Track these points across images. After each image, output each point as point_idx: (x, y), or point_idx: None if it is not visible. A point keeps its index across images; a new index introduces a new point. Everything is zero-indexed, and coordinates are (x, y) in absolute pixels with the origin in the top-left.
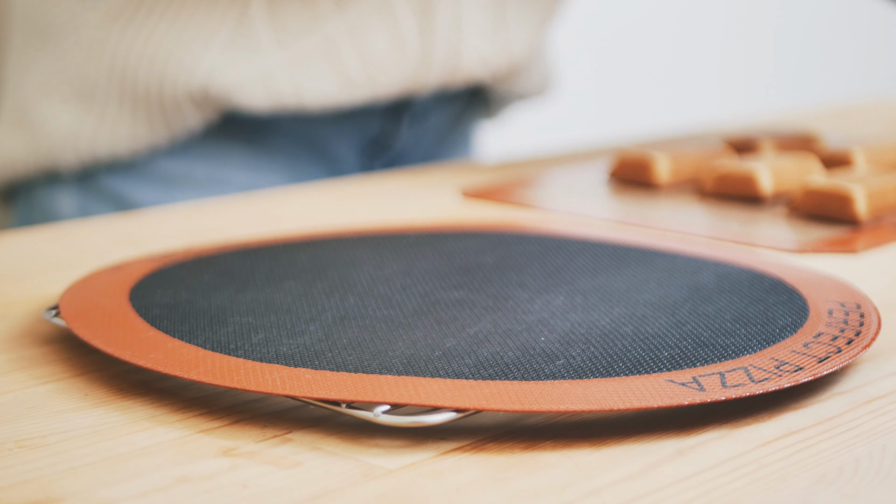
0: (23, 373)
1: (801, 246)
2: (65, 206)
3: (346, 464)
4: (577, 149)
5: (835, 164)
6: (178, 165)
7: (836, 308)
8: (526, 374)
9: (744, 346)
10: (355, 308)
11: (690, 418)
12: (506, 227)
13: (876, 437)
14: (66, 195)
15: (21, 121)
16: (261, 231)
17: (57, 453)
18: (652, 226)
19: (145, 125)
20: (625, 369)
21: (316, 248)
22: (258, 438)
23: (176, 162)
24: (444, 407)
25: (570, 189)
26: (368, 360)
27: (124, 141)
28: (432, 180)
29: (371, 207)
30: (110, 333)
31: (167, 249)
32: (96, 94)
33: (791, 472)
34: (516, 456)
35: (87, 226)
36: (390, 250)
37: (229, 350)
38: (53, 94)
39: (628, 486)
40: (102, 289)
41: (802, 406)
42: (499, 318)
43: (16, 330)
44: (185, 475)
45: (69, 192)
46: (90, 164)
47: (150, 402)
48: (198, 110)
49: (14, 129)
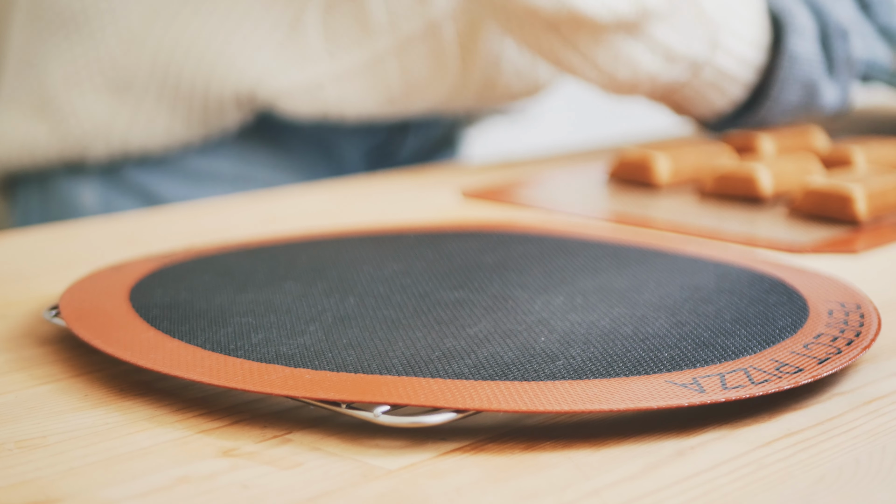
0: (23, 373)
1: (801, 246)
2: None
3: (346, 464)
4: (577, 149)
5: (835, 164)
6: (208, 162)
7: (836, 308)
8: (526, 375)
9: (744, 346)
10: (355, 308)
11: (690, 419)
12: (506, 227)
13: (876, 437)
14: (90, 187)
15: (45, 108)
16: (261, 231)
17: (57, 453)
18: (652, 226)
19: (183, 122)
20: (624, 370)
21: (316, 248)
22: (258, 439)
23: (206, 159)
24: (443, 407)
25: (569, 189)
26: (368, 361)
27: (159, 136)
28: (432, 180)
29: (371, 207)
30: (110, 333)
31: (167, 249)
32: (133, 86)
33: (791, 472)
34: (516, 456)
35: (88, 226)
36: (390, 250)
37: (229, 350)
38: (85, 84)
39: (628, 486)
40: (102, 289)
41: (802, 407)
42: (499, 319)
43: (16, 330)
44: (185, 475)
45: (93, 183)
46: (119, 156)
47: (150, 402)
48: (239, 111)
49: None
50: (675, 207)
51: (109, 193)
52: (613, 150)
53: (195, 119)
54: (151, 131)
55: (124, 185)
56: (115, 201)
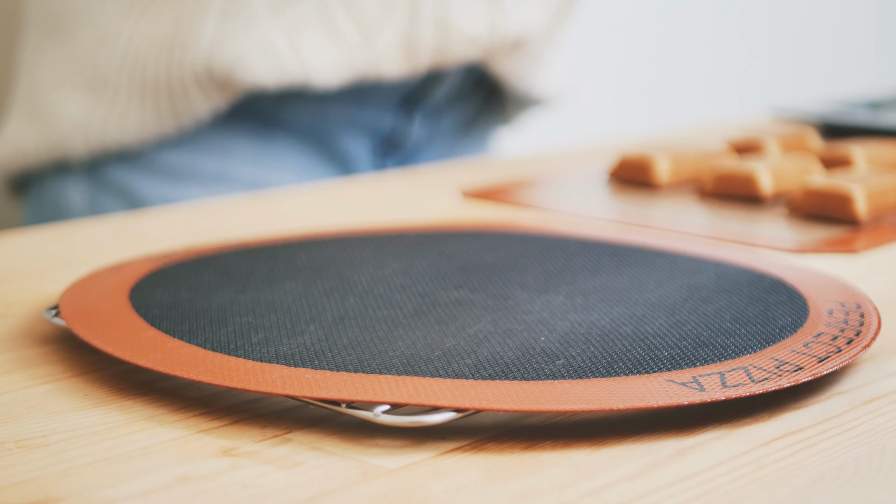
0: (23, 373)
1: (801, 246)
2: (75, 200)
3: (346, 464)
4: (577, 149)
5: (835, 164)
6: (186, 158)
7: (836, 308)
8: (526, 374)
9: (744, 345)
10: (355, 308)
11: (690, 418)
12: (506, 227)
13: (876, 437)
14: (76, 188)
15: (33, 111)
16: (261, 231)
17: (57, 453)
18: (652, 226)
19: (153, 113)
20: (625, 369)
21: (316, 248)
22: (258, 438)
23: (183, 155)
24: (444, 407)
25: (570, 189)
26: (368, 360)
27: (133, 130)
28: (432, 180)
29: (371, 207)
30: (110, 333)
31: (167, 249)
32: (108, 83)
33: (791, 472)
34: (516, 456)
35: (87, 226)
36: (390, 250)
37: (229, 350)
38: (66, 84)
39: (628, 486)
40: (102, 289)
41: (802, 406)
42: (499, 318)
43: (16, 330)
44: (185, 475)
45: (79, 184)
46: (99, 153)
47: (150, 402)
48: (203, 94)
49: (27, 119)
50: (675, 207)
51: (95, 194)
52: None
53: (164, 108)
54: (126, 126)
55: (107, 185)
56: (100, 202)
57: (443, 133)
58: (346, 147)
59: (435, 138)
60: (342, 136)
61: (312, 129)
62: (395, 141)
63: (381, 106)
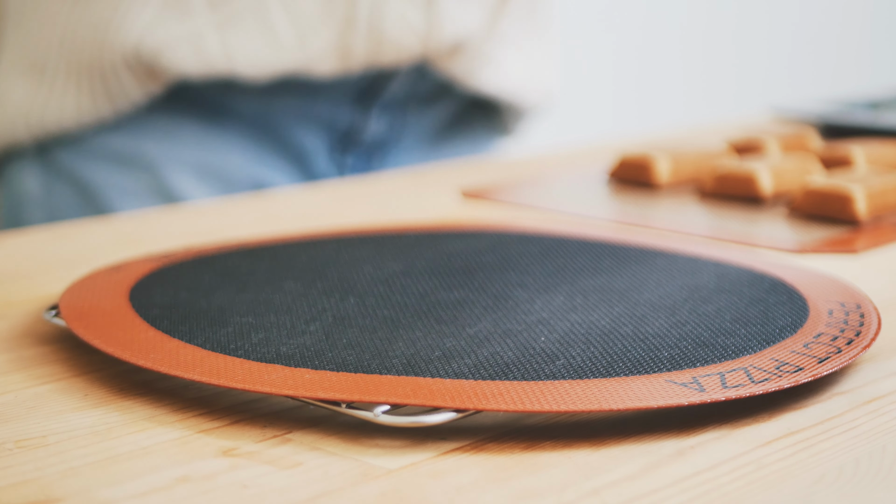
0: (23, 373)
1: (801, 246)
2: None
3: (346, 464)
4: (577, 149)
5: (835, 164)
6: (129, 142)
7: (837, 308)
8: (526, 374)
9: (744, 346)
10: (355, 308)
11: (690, 418)
12: (506, 227)
13: (876, 437)
14: (31, 174)
15: None
16: (261, 231)
17: (57, 453)
18: (652, 226)
19: (89, 97)
20: (625, 369)
21: (316, 248)
22: (258, 438)
23: (125, 138)
24: (444, 407)
25: (570, 189)
26: (368, 360)
27: (70, 113)
28: (432, 180)
29: (371, 207)
30: (110, 333)
31: (167, 249)
32: (47, 67)
33: (791, 472)
34: (516, 456)
35: (87, 226)
36: (390, 250)
37: (229, 350)
38: (12, 71)
39: (628, 486)
40: (102, 289)
41: (802, 406)
42: (499, 318)
43: (16, 330)
44: (185, 475)
45: (33, 170)
46: (43, 138)
47: (150, 402)
48: (134, 78)
49: None
50: (675, 207)
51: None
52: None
53: (98, 91)
54: (63, 110)
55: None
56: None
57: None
58: (300, 140)
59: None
60: (293, 128)
61: (259, 119)
62: (353, 137)
63: (336, 100)
